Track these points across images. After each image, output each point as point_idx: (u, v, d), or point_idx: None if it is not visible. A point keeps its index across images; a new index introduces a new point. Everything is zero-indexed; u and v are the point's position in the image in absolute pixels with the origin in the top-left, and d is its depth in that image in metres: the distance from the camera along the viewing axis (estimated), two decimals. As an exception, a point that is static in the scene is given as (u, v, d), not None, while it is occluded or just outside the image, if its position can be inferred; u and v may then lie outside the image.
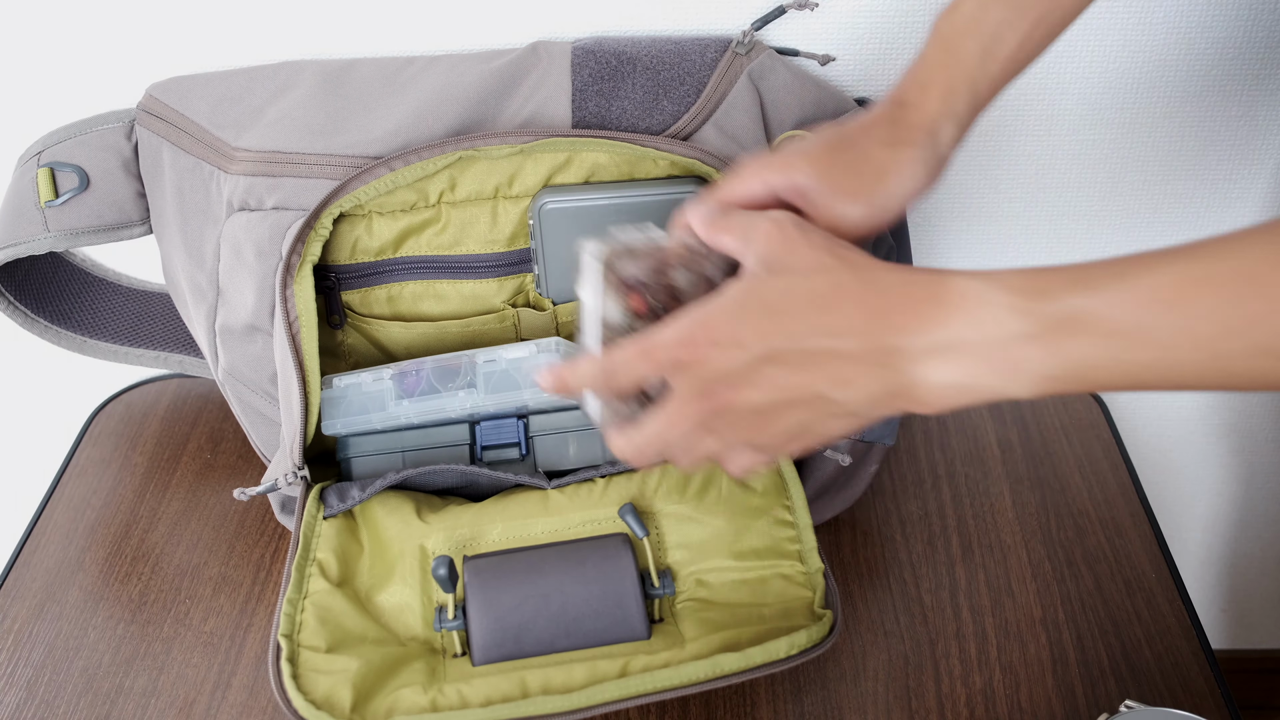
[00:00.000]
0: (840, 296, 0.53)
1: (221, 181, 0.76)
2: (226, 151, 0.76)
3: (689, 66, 0.77)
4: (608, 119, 0.76)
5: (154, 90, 0.79)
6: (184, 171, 0.78)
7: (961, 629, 0.76)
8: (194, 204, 0.78)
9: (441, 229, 0.76)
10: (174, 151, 0.78)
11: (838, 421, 0.55)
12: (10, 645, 0.78)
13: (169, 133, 0.78)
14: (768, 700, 0.72)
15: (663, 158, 0.74)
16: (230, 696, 0.74)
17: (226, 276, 0.77)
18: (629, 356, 0.56)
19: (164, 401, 0.97)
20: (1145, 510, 0.84)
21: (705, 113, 0.76)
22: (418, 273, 0.78)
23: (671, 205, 0.75)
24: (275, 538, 0.84)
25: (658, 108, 0.76)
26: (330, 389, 0.75)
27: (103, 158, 0.80)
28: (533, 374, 0.73)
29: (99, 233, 0.81)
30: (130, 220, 0.81)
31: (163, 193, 0.79)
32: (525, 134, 0.73)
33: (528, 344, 0.74)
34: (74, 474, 0.91)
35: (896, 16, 0.82)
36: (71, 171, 0.80)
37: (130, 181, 0.80)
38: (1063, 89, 0.86)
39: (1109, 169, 0.90)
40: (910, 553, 0.81)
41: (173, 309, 0.92)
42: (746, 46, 0.78)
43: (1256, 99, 0.86)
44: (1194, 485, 1.10)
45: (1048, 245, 0.94)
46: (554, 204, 0.75)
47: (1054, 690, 0.72)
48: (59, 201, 0.79)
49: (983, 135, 0.88)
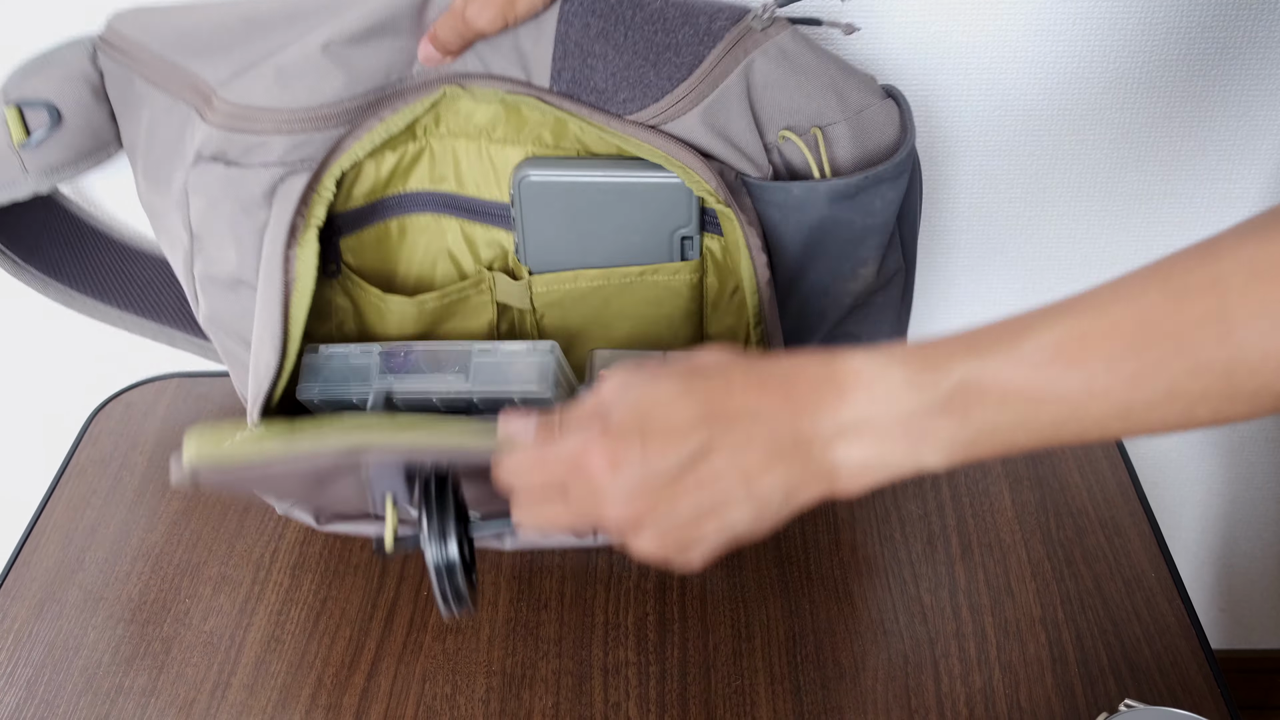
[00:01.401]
0: (734, 390, 0.52)
1: (196, 126, 0.73)
2: (206, 93, 0.73)
3: (689, 34, 0.68)
4: (586, 80, 0.70)
5: (115, 23, 0.76)
6: (160, 109, 0.75)
7: (961, 628, 0.76)
8: (164, 141, 0.75)
9: (431, 164, 0.75)
10: (146, 86, 0.75)
11: (755, 519, 0.53)
12: (10, 645, 0.78)
13: (137, 66, 0.75)
14: (767, 700, 0.72)
15: (635, 146, 0.69)
16: (230, 696, 0.74)
17: (203, 226, 0.74)
18: (527, 462, 0.55)
19: (164, 401, 0.97)
20: (1145, 510, 0.84)
21: (693, 97, 0.68)
22: (418, 207, 0.77)
23: (659, 190, 0.72)
24: (275, 537, 0.84)
25: (643, 79, 0.69)
26: (315, 354, 0.74)
27: (72, 88, 0.77)
28: (524, 371, 0.72)
29: (78, 162, 0.79)
30: (106, 141, 0.79)
31: (136, 121, 0.77)
32: (507, 82, 0.70)
33: (524, 342, 0.73)
34: (74, 474, 0.91)
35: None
36: (41, 108, 0.77)
37: (102, 105, 0.78)
38: (1063, 89, 0.85)
39: (1109, 169, 0.90)
40: (910, 552, 0.81)
41: (164, 277, 0.90)
42: (765, 21, 0.68)
43: (1256, 99, 0.86)
44: (1194, 485, 1.10)
45: (1047, 245, 0.94)
46: (535, 177, 0.73)
47: (1053, 689, 0.72)
48: (33, 141, 0.78)
49: (982, 135, 0.88)
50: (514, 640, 0.77)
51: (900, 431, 0.50)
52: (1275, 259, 0.43)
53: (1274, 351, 0.43)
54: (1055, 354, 0.47)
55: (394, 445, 0.55)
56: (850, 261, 0.73)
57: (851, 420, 0.50)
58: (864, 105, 0.70)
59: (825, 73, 0.69)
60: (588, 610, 0.78)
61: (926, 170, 0.89)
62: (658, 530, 0.53)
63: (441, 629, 0.77)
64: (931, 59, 0.84)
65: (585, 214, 0.74)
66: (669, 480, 0.51)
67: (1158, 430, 0.47)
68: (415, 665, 0.75)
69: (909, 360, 0.50)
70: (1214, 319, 0.44)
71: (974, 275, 0.95)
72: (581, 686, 0.74)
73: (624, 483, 0.52)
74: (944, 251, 0.94)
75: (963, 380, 0.48)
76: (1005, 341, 0.48)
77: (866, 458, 0.51)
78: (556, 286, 0.78)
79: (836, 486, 0.52)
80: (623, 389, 0.53)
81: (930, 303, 0.97)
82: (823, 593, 0.79)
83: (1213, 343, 0.44)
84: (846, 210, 0.70)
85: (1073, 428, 0.48)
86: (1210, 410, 0.45)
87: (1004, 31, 0.83)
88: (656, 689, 0.73)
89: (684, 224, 0.74)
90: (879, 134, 0.70)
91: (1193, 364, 0.44)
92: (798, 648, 0.75)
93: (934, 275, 0.95)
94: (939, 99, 0.86)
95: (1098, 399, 0.46)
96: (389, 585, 0.80)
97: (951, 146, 0.88)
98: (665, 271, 0.76)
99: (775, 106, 0.70)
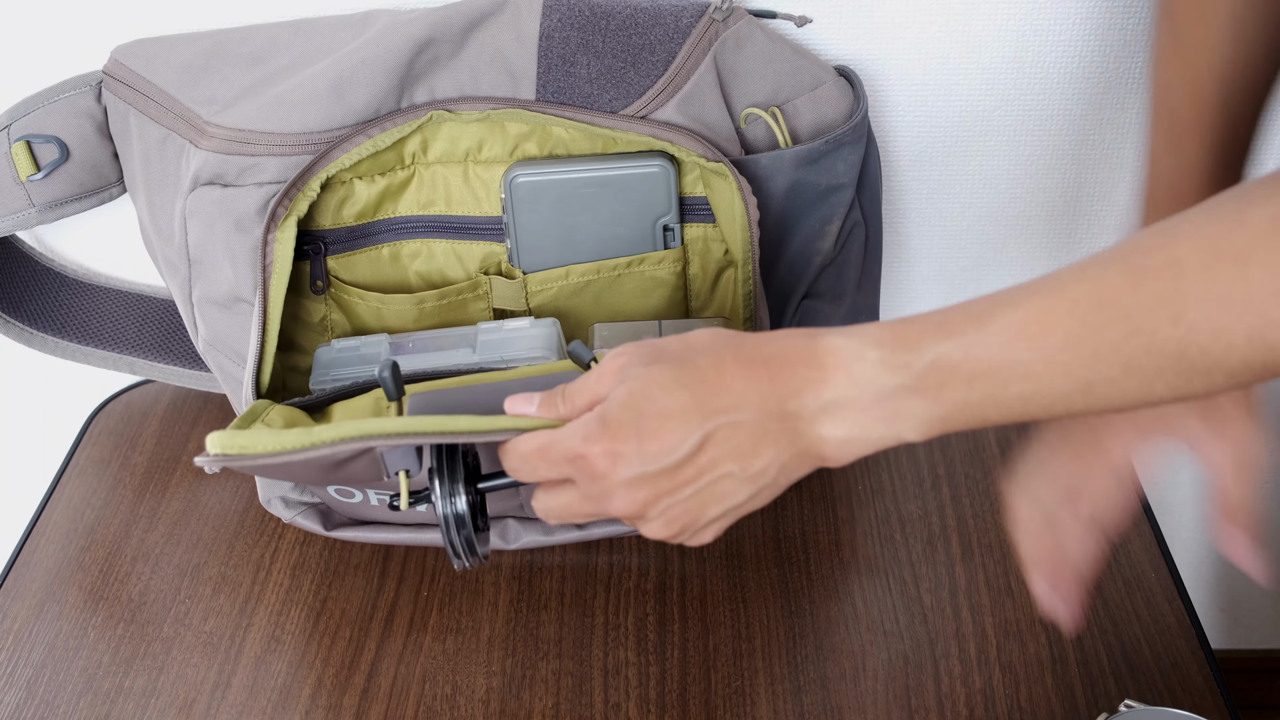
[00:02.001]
0: (725, 374, 0.54)
1: (191, 155, 0.76)
2: (199, 124, 0.77)
3: (660, 34, 0.75)
4: (571, 88, 0.75)
5: (119, 55, 0.79)
6: (152, 142, 0.78)
7: (961, 629, 0.76)
8: (161, 175, 0.78)
9: (419, 189, 0.79)
10: (141, 120, 0.78)
11: (755, 496, 0.55)
12: (10, 645, 0.78)
13: (136, 100, 0.78)
14: (768, 700, 0.72)
15: (622, 136, 0.75)
16: (230, 696, 0.74)
17: (200, 249, 0.77)
18: (529, 452, 0.57)
19: (164, 401, 0.97)
20: (1145, 510, 0.84)
21: (670, 90, 0.75)
22: (408, 233, 0.80)
23: (640, 180, 0.77)
24: (275, 537, 0.84)
25: (624, 79, 0.75)
26: (327, 347, 0.78)
27: (77, 124, 0.79)
28: (529, 342, 0.76)
29: (81, 200, 0.81)
30: (109, 181, 0.82)
31: (131, 158, 0.80)
32: (492, 101, 0.75)
33: (525, 319, 0.77)
34: (73, 474, 0.91)
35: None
36: (50, 143, 0.79)
37: (106, 144, 0.81)
38: (1063, 89, 0.86)
39: (1109, 169, 0.90)
40: (910, 552, 0.81)
41: (127, 308, 0.93)
42: (725, 12, 0.76)
43: (1256, 99, 0.86)
44: (1194, 485, 1.10)
45: (1047, 245, 0.94)
46: (525, 177, 0.77)
47: (1053, 690, 0.72)
48: (40, 175, 0.79)
49: (982, 135, 0.88)
50: (514, 640, 0.77)
51: (878, 410, 0.52)
52: (1232, 241, 0.44)
53: (1224, 331, 0.44)
54: (1019, 333, 0.49)
55: (409, 431, 0.58)
56: (818, 220, 0.79)
57: (833, 400, 0.53)
58: (819, 81, 0.78)
59: (782, 55, 0.77)
60: (588, 610, 0.78)
61: (927, 170, 0.90)
62: (665, 517, 0.56)
63: (442, 629, 0.77)
64: (932, 59, 0.84)
65: (573, 210, 0.78)
66: (668, 470, 0.54)
67: (1120, 406, 0.49)
68: (415, 666, 0.75)
69: (884, 341, 0.52)
70: (1169, 300, 0.45)
71: (974, 275, 0.95)
72: (581, 687, 0.74)
73: (625, 475, 0.54)
74: (944, 251, 0.94)
75: (934, 361, 0.51)
76: (973, 321, 0.50)
77: (849, 434, 0.53)
78: (549, 284, 0.81)
79: (825, 460, 0.54)
80: (620, 376, 0.55)
81: (930, 302, 0.97)
82: (823, 593, 0.79)
83: (1166, 323, 0.45)
84: (812, 174, 0.77)
85: (1039, 403, 0.49)
86: (1167, 387, 0.47)
87: (1004, 31, 0.83)
88: (656, 689, 0.73)
89: (665, 212, 0.78)
90: (834, 106, 0.78)
91: (1147, 343, 0.46)
92: (798, 648, 0.75)
93: (934, 275, 0.95)
94: (939, 99, 0.86)
95: (1059, 376, 0.48)
96: (389, 586, 0.80)
97: (951, 146, 0.88)
98: (650, 262, 0.80)
99: (741, 89, 0.76)
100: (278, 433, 0.59)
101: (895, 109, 0.86)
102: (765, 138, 0.78)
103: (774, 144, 0.78)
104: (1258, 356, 0.44)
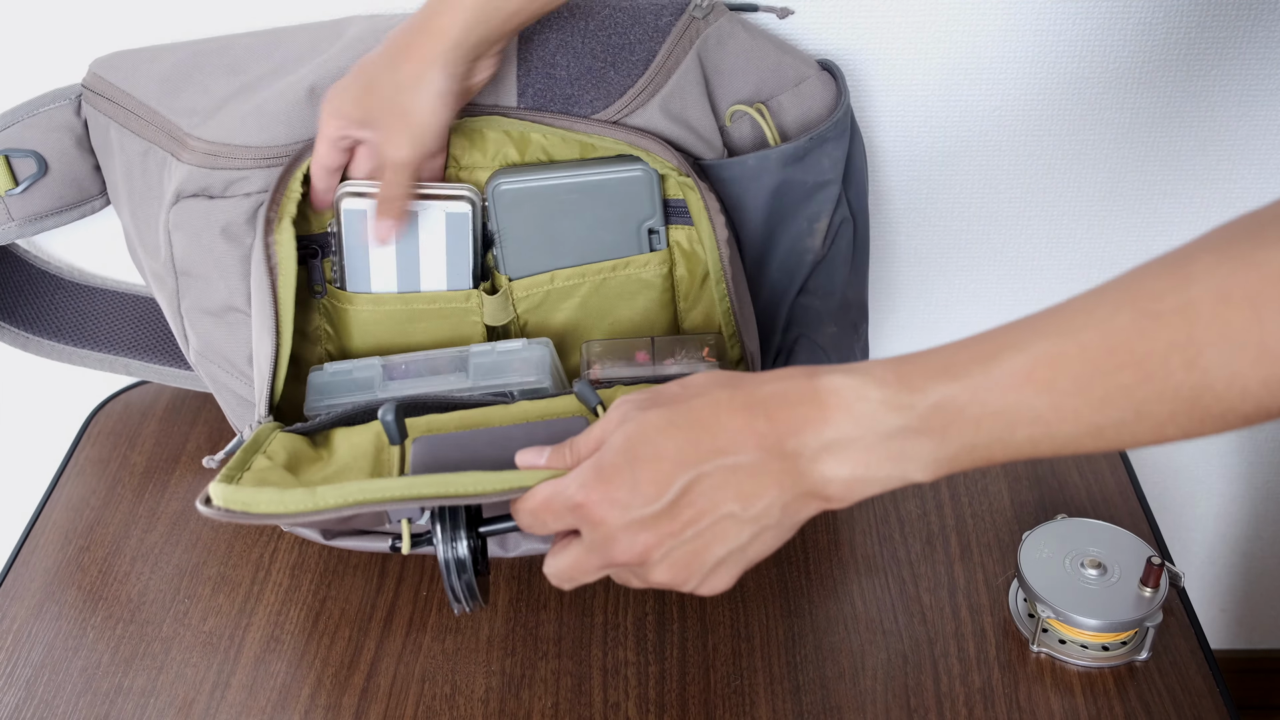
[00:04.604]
0: (721, 415, 0.53)
1: (173, 168, 0.76)
2: (180, 137, 0.76)
3: (640, 33, 0.74)
4: (552, 90, 0.75)
5: (97, 68, 0.78)
6: (134, 156, 0.78)
7: (960, 628, 0.76)
8: (144, 188, 0.78)
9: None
10: (122, 133, 0.78)
11: (759, 538, 0.55)
12: (10, 645, 0.78)
13: (116, 113, 0.78)
14: (767, 699, 0.72)
15: (599, 142, 0.74)
16: (229, 696, 0.74)
17: (187, 261, 0.77)
18: (535, 508, 0.57)
19: (163, 401, 0.97)
20: (1145, 510, 0.84)
21: (651, 89, 0.74)
22: None
23: (623, 184, 0.76)
24: (274, 537, 0.84)
25: (604, 79, 0.75)
26: (320, 372, 0.77)
27: (56, 138, 0.79)
28: (521, 365, 0.75)
29: (62, 213, 0.81)
30: (90, 195, 0.82)
31: (114, 171, 0.80)
32: (474, 109, 0.75)
33: (518, 340, 0.76)
34: (73, 474, 0.91)
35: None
36: (28, 157, 0.79)
37: (86, 157, 0.80)
38: (1063, 89, 0.86)
39: (1109, 169, 0.90)
40: (909, 552, 0.81)
41: (122, 310, 0.93)
42: (705, 10, 0.75)
43: (1256, 99, 0.86)
44: (1194, 485, 1.10)
45: (1048, 246, 0.94)
46: (508, 184, 0.77)
47: (1052, 689, 0.72)
48: (19, 190, 0.79)
49: (982, 134, 0.88)
50: (514, 640, 0.77)
51: (883, 449, 0.51)
52: (1246, 284, 0.43)
53: (1238, 377, 0.43)
54: (1026, 378, 0.48)
55: (414, 496, 0.59)
56: (806, 219, 0.79)
57: (834, 439, 0.52)
58: (802, 77, 0.77)
59: (764, 51, 0.76)
60: (587, 610, 0.78)
61: (927, 170, 0.89)
62: (668, 561, 0.55)
63: (441, 629, 0.77)
64: (933, 59, 0.84)
65: (557, 216, 0.78)
66: (665, 512, 0.53)
67: (1130, 447, 0.48)
68: (415, 665, 0.75)
69: (886, 381, 0.51)
70: (1182, 345, 0.44)
71: (973, 275, 0.95)
72: (581, 687, 0.74)
73: (623, 520, 0.54)
74: (943, 251, 0.94)
75: (939, 403, 0.50)
76: (979, 363, 0.49)
77: (853, 473, 0.52)
78: (536, 290, 0.80)
79: (830, 500, 0.53)
80: (620, 422, 0.55)
81: (930, 303, 0.97)
82: (822, 593, 0.79)
83: (1180, 369, 0.44)
84: (798, 172, 0.77)
85: (1048, 445, 0.49)
86: (1179, 430, 0.46)
87: (1004, 31, 0.83)
88: (656, 689, 0.73)
89: (649, 215, 0.78)
90: (819, 100, 0.78)
91: (1160, 389, 0.45)
92: (797, 648, 0.75)
93: (934, 275, 0.95)
94: (939, 99, 0.86)
95: (1068, 420, 0.47)
96: (388, 585, 0.80)
97: (951, 147, 0.88)
98: (635, 264, 0.80)
99: (724, 87, 0.76)
100: (281, 493, 0.59)
101: (879, 100, 0.86)
102: (750, 135, 0.78)
103: (759, 141, 0.77)
104: (1275, 402, 0.44)
